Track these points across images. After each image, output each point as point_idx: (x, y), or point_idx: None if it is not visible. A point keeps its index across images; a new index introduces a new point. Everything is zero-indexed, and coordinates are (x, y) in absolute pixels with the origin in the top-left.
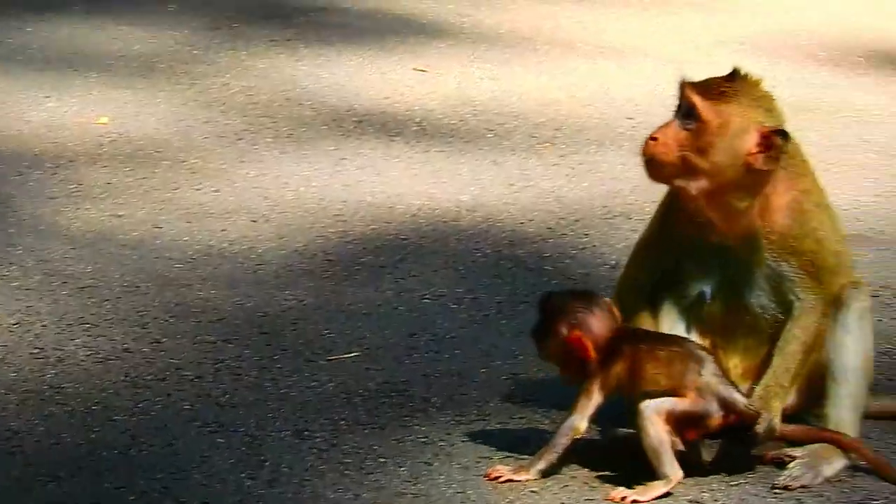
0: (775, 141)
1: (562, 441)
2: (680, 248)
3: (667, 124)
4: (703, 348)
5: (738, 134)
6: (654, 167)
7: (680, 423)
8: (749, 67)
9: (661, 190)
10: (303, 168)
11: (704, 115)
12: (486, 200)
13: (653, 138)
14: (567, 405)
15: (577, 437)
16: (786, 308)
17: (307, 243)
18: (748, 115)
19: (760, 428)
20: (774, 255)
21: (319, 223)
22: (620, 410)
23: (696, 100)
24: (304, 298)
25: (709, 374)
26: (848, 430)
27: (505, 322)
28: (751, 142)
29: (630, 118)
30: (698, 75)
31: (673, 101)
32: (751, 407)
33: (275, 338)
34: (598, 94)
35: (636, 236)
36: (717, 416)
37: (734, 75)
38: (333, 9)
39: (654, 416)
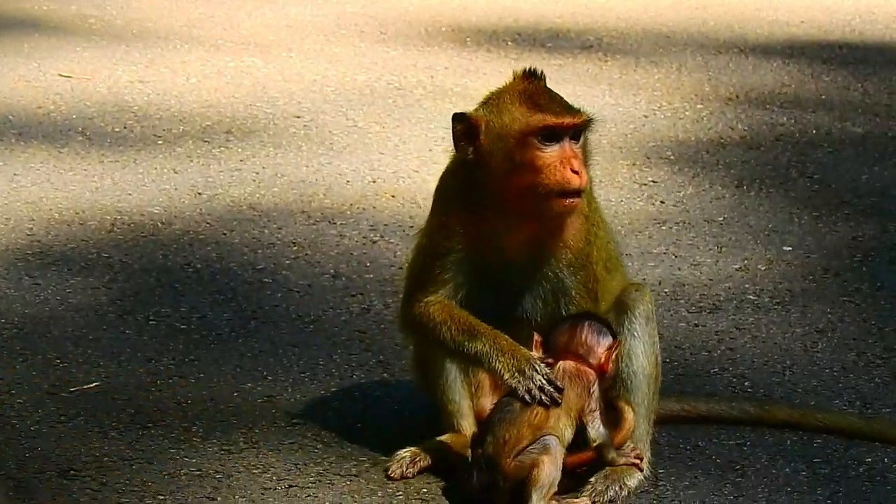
0: None
1: None
2: (471, 267)
3: (565, 152)
4: None
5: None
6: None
7: None
8: (401, 59)
9: (358, 191)
10: None
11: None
12: (180, 213)
13: (574, 171)
14: (336, 423)
15: None
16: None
17: (7, 266)
18: None
19: None
20: (561, 269)
21: (14, 245)
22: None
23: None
24: (23, 326)
25: None
26: (642, 440)
27: (241, 341)
28: None
29: (298, 117)
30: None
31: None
32: None
33: (4, 370)
34: (256, 93)
35: (346, 242)
36: None
37: (531, 76)
38: None
39: None
